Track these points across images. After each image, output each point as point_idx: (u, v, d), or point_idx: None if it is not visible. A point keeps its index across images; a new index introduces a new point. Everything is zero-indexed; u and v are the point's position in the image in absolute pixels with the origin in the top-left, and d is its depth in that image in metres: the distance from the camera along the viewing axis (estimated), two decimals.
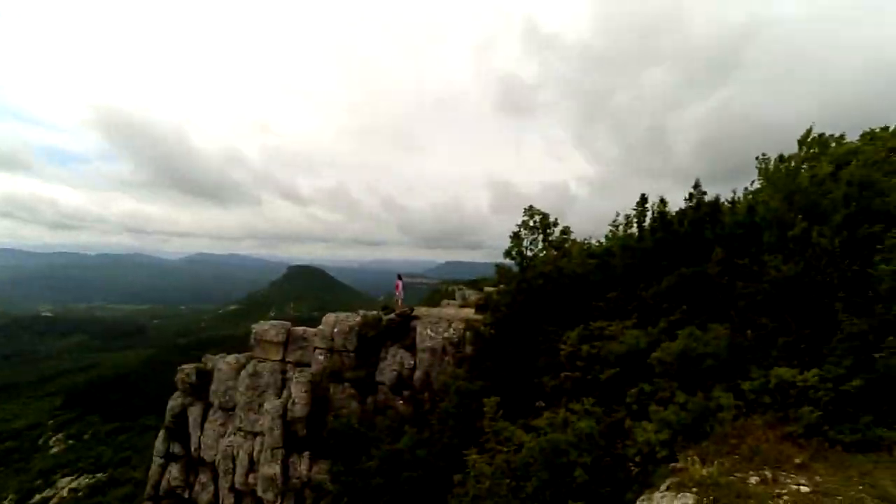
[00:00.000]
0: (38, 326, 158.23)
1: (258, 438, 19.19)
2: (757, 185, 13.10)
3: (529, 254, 16.05)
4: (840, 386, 7.50)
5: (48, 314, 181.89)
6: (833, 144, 12.24)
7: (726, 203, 13.95)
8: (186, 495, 21.16)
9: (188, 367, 23.09)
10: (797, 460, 6.66)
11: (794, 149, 12.21)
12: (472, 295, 25.50)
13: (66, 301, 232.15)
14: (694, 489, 6.22)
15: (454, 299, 27.23)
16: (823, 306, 9.04)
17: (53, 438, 64.72)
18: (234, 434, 20.00)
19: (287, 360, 20.50)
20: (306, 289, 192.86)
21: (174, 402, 22.72)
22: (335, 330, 19.72)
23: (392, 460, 13.79)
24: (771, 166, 12.19)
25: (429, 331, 18.14)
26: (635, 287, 13.19)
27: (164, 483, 21.61)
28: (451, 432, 13.32)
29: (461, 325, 17.71)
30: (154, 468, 22.21)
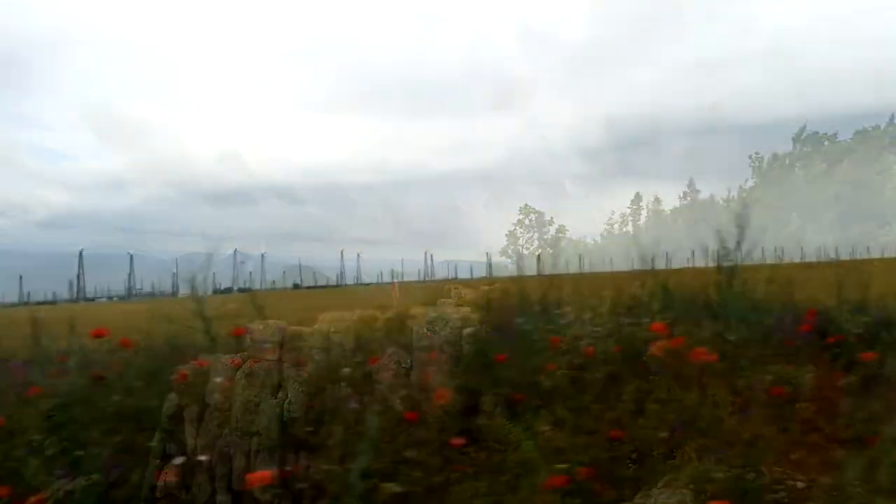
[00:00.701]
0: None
1: (255, 439, 19.23)
2: (751, 183, 13.18)
3: (525, 251, 16.09)
4: (835, 382, 7.57)
5: (41, 314, 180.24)
6: (826, 143, 12.33)
7: (721, 201, 14.04)
8: (183, 496, 21.19)
9: (184, 367, 23.12)
10: (793, 456, 6.71)
11: (787, 148, 12.28)
12: (469, 293, 25.52)
13: (59, 301, 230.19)
14: (691, 485, 6.26)
15: (450, 297, 27.22)
16: (818, 302, 9.11)
17: (48, 439, 64.48)
18: (231, 434, 20.04)
19: (283, 359, 20.53)
20: (301, 287, 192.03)
21: (170, 402, 22.70)
22: (331, 329, 19.77)
23: (389, 460, 13.82)
24: (765, 165, 12.25)
25: (425, 329, 18.19)
26: (631, 284, 13.28)
27: (160, 484, 21.64)
28: (449, 431, 13.35)
29: (458, 324, 17.74)
30: (150, 469, 22.22)
